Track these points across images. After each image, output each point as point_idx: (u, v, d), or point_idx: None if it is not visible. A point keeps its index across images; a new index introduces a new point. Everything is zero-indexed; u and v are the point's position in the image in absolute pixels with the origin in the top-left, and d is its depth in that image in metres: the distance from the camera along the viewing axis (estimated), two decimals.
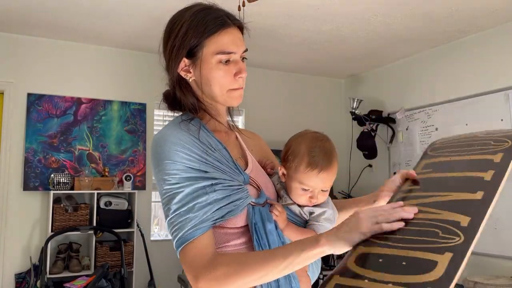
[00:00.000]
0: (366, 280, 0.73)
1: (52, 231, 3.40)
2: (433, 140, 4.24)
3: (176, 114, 1.11)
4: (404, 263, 0.74)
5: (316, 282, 4.66)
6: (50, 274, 3.32)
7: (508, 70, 3.36)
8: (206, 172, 0.96)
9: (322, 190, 1.08)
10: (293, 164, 1.07)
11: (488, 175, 0.91)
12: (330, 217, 1.09)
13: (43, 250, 3.35)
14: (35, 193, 3.60)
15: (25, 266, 3.52)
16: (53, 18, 3.32)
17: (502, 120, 3.36)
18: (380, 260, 0.77)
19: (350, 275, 0.77)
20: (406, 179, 1.02)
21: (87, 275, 3.32)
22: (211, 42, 1.00)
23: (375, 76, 4.69)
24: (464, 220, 0.80)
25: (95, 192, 3.57)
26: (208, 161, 0.98)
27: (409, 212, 0.82)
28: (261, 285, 0.94)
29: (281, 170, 1.12)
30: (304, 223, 1.11)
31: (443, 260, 0.71)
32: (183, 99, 1.06)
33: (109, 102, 3.93)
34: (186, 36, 1.01)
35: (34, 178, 3.58)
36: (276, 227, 1.02)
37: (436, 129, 3.91)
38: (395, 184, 1.05)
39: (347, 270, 0.78)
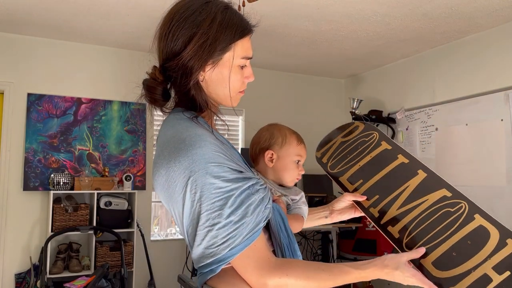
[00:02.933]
0: (473, 272, 0.86)
1: (52, 231, 3.40)
2: (433, 140, 4.21)
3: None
4: (468, 242, 0.89)
5: None
6: (50, 274, 3.32)
7: (508, 70, 3.36)
8: (241, 172, 0.94)
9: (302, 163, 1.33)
10: (285, 143, 1.27)
11: (401, 158, 1.15)
12: (304, 200, 1.31)
13: (43, 250, 3.35)
14: (35, 193, 3.60)
15: (25, 266, 3.52)
16: (53, 18, 3.32)
17: (502, 120, 3.36)
18: (454, 253, 0.90)
19: (454, 282, 0.88)
20: (354, 200, 1.24)
21: (87, 275, 3.32)
22: (239, 46, 1.00)
23: (375, 76, 4.69)
24: (445, 192, 1.00)
25: (95, 192, 3.57)
26: (235, 161, 0.96)
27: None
28: None
29: (268, 155, 1.27)
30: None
31: (482, 222, 0.90)
32: (198, 95, 1.00)
33: (109, 102, 3.93)
34: (218, 35, 0.97)
35: (34, 178, 3.58)
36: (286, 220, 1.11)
37: (436, 129, 3.91)
38: (346, 204, 1.28)
39: (446, 280, 0.89)
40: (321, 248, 4.44)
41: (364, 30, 3.54)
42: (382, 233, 1.06)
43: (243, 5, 2.34)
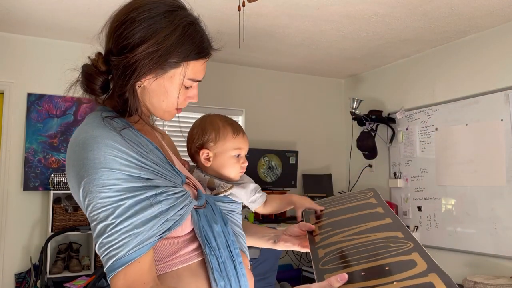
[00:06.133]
0: None
1: (52, 231, 3.40)
2: (433, 140, 4.27)
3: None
4: (387, 268, 0.77)
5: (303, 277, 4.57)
6: (50, 274, 3.32)
7: (508, 70, 3.36)
8: (147, 179, 0.85)
9: (245, 154, 1.20)
10: (220, 138, 1.14)
11: (380, 209, 1.07)
12: (256, 192, 1.22)
13: (43, 250, 3.35)
14: (35, 193, 3.60)
15: (25, 266, 3.52)
16: (53, 18, 3.32)
17: (502, 120, 3.36)
18: (363, 273, 0.78)
19: None
20: (306, 230, 1.11)
21: (87, 275, 3.32)
22: (190, 66, 0.93)
23: (375, 76, 4.69)
24: (398, 234, 0.90)
25: None
26: (146, 165, 0.86)
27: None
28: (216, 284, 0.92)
29: (203, 155, 1.14)
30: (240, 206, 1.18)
31: (416, 258, 0.77)
32: (131, 100, 0.92)
33: None
34: (172, 49, 0.90)
35: (34, 178, 3.58)
36: (222, 225, 1.00)
37: (436, 129, 3.91)
38: (296, 232, 1.14)
39: None
40: None
41: (364, 30, 3.54)
42: (311, 255, 0.96)
43: (243, 5, 2.34)
